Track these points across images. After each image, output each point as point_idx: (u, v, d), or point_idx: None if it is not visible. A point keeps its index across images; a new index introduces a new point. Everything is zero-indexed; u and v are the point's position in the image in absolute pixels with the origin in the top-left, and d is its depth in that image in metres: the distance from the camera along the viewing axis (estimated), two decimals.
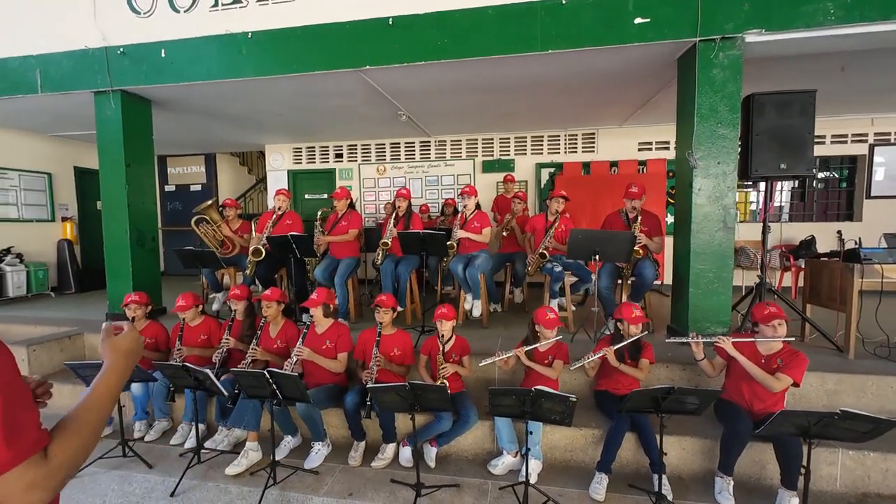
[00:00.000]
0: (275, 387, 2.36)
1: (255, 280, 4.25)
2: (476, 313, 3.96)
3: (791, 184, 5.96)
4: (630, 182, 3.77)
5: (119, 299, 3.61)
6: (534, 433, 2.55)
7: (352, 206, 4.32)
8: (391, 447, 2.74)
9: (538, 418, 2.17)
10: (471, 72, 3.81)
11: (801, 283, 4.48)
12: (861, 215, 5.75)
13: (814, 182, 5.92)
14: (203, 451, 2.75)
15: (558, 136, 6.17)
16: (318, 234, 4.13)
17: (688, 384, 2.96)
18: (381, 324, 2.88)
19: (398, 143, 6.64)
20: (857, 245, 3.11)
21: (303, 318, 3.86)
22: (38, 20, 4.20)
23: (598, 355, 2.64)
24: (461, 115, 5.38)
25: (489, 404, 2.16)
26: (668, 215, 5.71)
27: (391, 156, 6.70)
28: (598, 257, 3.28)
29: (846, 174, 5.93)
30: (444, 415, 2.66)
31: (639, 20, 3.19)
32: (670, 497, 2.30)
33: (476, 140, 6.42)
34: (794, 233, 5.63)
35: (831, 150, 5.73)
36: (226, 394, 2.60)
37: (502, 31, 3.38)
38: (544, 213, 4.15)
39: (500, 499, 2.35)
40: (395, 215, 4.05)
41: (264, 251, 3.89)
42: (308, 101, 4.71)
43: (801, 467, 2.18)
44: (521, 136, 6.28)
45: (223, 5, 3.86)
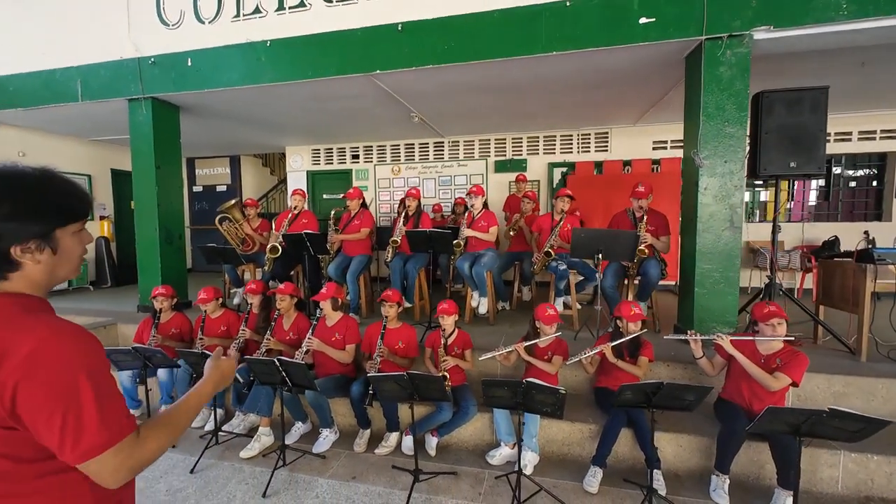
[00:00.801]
0: (284, 374, 2.53)
1: (273, 276, 4.47)
2: (482, 310, 4.04)
3: (816, 182, 5.76)
4: (637, 181, 3.77)
5: (149, 293, 3.88)
6: (531, 426, 2.63)
7: (364, 205, 4.48)
8: (394, 435, 2.86)
9: (531, 410, 2.25)
10: (478, 74, 3.90)
11: None
12: (891, 215, 5.50)
13: (839, 180, 5.70)
14: (220, 434, 2.95)
15: (571, 136, 6.17)
16: (331, 232, 4.31)
17: (688, 383, 2.97)
18: (386, 317, 3.01)
19: (412, 144, 6.79)
20: (870, 245, 3.03)
21: (316, 311, 4.04)
22: (80, 34, 4.54)
23: (595, 351, 2.69)
24: (473, 116, 5.47)
25: (483, 395, 2.25)
26: None
27: (405, 156, 6.86)
28: (600, 256, 3.31)
29: (873, 172, 5.69)
30: (445, 406, 2.77)
31: (644, 20, 3.20)
32: (663, 492, 2.33)
33: (489, 140, 6.49)
34: (818, 233, 5.44)
35: (858, 147, 5.50)
36: (241, 380, 2.78)
37: (507, 33, 3.45)
38: (550, 213, 4.19)
39: (496, 487, 2.44)
40: (404, 214, 4.18)
41: (281, 248, 4.09)
42: (324, 105, 4.90)
43: (798, 467, 2.18)
44: (534, 136, 6.31)
45: (244, 16, 4.09)
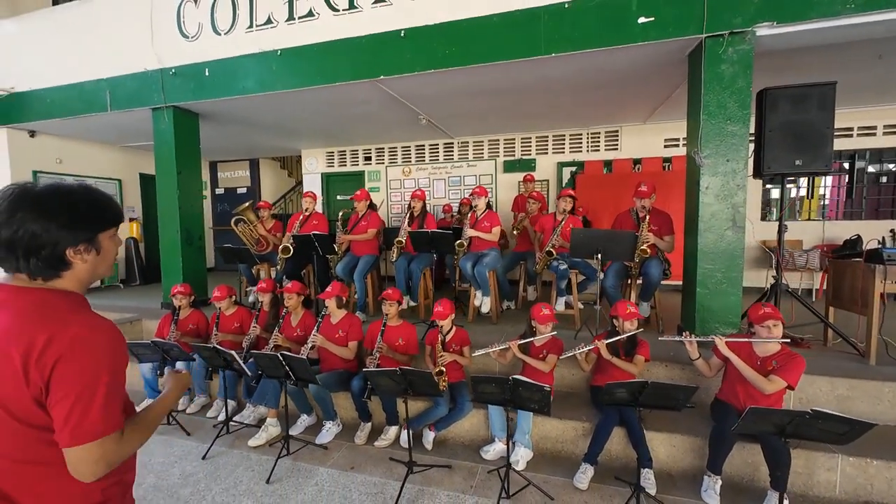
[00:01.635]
0: (288, 368, 2.67)
1: (286, 275, 4.65)
2: (485, 309, 4.10)
3: (837, 178, 5.55)
4: (641, 181, 3.75)
5: (170, 291, 4.11)
6: (524, 423, 2.69)
7: (371, 206, 4.61)
8: (393, 429, 2.97)
9: (519, 406, 2.31)
10: (481, 77, 3.96)
11: None
12: None
13: (863, 176, 5.47)
14: (231, 424, 3.14)
15: (580, 135, 6.15)
16: (339, 233, 4.46)
17: (687, 384, 2.95)
18: (386, 315, 3.12)
19: (422, 146, 6.90)
20: (880, 244, 2.93)
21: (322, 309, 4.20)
22: (108, 48, 4.86)
23: (589, 347, 2.72)
24: (480, 117, 5.53)
25: (472, 390, 2.33)
26: None
27: (416, 157, 6.97)
28: (599, 256, 3.32)
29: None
30: (442, 402, 2.86)
31: (643, 19, 3.20)
32: (652, 491, 2.35)
33: (498, 141, 6.53)
34: (839, 232, 5.24)
35: (884, 142, 5.27)
36: (249, 373, 2.95)
37: (506, 37, 3.50)
38: (553, 213, 4.21)
39: (487, 481, 2.51)
40: (409, 215, 4.29)
41: (292, 249, 4.27)
42: (334, 110, 5.07)
43: (788, 469, 2.17)
44: (543, 136, 6.31)
45: (257, 26, 4.28)
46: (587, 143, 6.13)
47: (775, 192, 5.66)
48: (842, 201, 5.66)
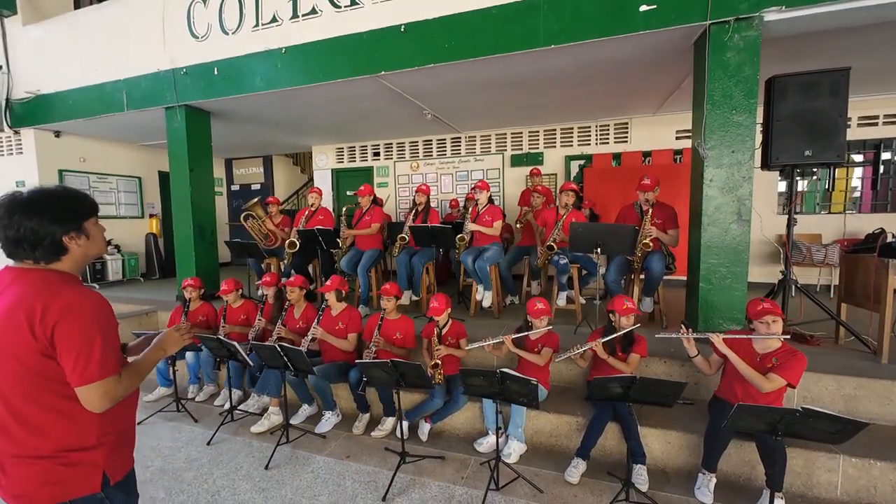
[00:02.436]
0: (286, 359, 2.75)
1: (293, 269, 4.76)
2: (486, 304, 4.11)
3: (861, 169, 5.29)
4: (644, 174, 3.67)
5: None
6: (517, 417, 2.70)
7: (375, 201, 4.66)
8: (390, 420, 3.03)
9: (508, 399, 2.32)
10: (482, 70, 3.94)
11: None
12: None
13: (889, 166, 5.20)
14: (236, 413, 3.25)
15: (589, 128, 6.04)
16: (343, 228, 4.52)
17: (686, 381, 2.89)
18: (384, 310, 3.17)
19: (430, 141, 6.91)
20: (893, 238, 2.80)
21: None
22: (124, 50, 5.03)
23: (585, 348, 2.69)
24: (487, 111, 5.49)
25: (462, 383, 2.35)
26: None
27: (424, 152, 6.99)
28: (599, 250, 3.28)
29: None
30: (437, 394, 2.89)
31: (644, 7, 3.12)
32: (644, 487, 2.32)
33: (505, 134, 6.48)
34: (862, 225, 5.01)
35: None
36: (251, 364, 3.05)
37: (505, 29, 3.47)
38: (555, 207, 4.17)
39: (479, 473, 2.53)
40: (413, 210, 4.32)
41: (298, 243, 4.36)
42: (340, 106, 5.12)
43: (783, 468, 2.11)
44: (551, 129, 6.23)
45: (263, 25, 4.36)
46: (596, 135, 6.02)
47: (800, 184, 5.47)
48: (867, 193, 5.40)
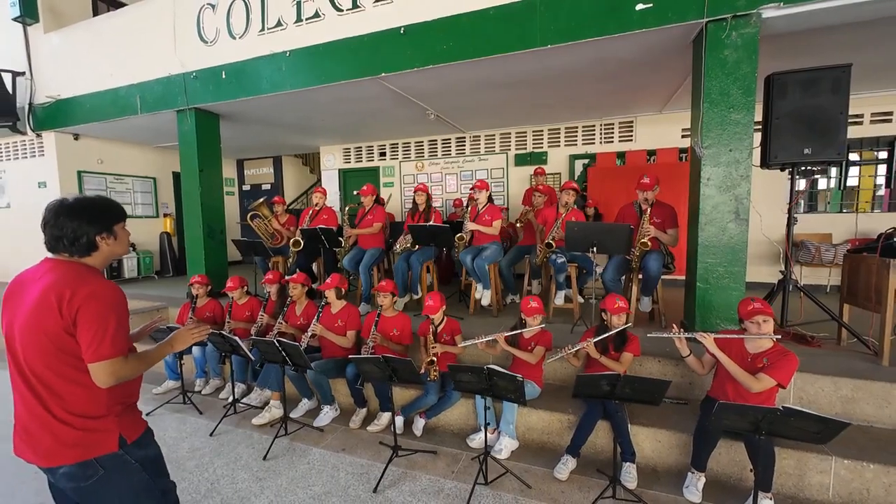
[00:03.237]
0: (284, 354, 2.83)
1: (298, 267, 4.87)
2: (485, 302, 4.14)
3: (884, 167, 5.15)
4: (644, 173, 3.66)
5: None
6: (508, 414, 2.73)
7: (377, 201, 4.73)
8: (386, 415, 3.09)
9: (496, 395, 2.35)
10: (483, 70, 3.97)
11: None
12: None
13: None
14: (239, 405, 3.36)
15: (593, 126, 6.01)
16: (346, 227, 4.61)
17: (681, 380, 2.90)
18: (381, 307, 3.23)
19: (435, 140, 6.96)
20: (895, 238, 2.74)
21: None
22: (138, 55, 5.21)
23: (577, 348, 2.70)
24: (490, 111, 5.52)
25: (452, 380, 2.39)
26: None
27: (429, 152, 7.05)
28: (595, 250, 3.28)
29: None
30: (431, 390, 2.95)
31: (641, 6, 3.11)
32: (632, 485, 2.33)
33: (509, 134, 6.49)
34: (875, 225, 4.89)
35: None
36: (253, 358, 3.15)
37: (503, 29, 3.50)
38: (555, 206, 4.18)
39: (469, 467, 2.57)
40: (413, 210, 4.37)
41: (302, 242, 4.46)
42: (344, 107, 5.21)
43: (771, 468, 2.11)
44: (555, 128, 6.22)
45: (268, 29, 4.47)
46: (600, 134, 5.99)
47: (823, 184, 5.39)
48: (886, 191, 5.25)
